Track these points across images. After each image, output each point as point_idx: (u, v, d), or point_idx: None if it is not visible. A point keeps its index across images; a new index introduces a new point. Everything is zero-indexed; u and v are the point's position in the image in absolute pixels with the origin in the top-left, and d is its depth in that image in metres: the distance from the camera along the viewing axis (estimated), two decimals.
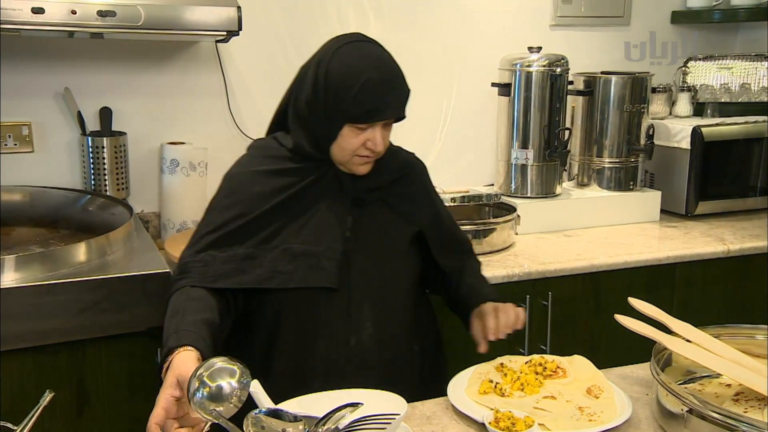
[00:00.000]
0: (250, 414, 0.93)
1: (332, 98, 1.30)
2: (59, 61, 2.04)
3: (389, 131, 1.37)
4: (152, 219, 2.17)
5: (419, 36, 2.42)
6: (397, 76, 1.33)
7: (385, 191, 1.43)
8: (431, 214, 1.50)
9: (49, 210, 1.92)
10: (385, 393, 1.20)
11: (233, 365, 0.98)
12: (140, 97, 2.14)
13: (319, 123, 1.34)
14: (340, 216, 1.37)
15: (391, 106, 1.32)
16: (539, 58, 2.27)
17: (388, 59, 1.34)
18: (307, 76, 1.36)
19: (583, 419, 1.18)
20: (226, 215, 1.35)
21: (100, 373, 1.56)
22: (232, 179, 1.41)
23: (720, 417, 1.04)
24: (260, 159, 1.42)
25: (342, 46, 1.33)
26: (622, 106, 2.37)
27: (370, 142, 1.33)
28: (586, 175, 2.48)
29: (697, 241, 2.24)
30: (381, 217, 1.41)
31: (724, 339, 1.27)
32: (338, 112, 1.30)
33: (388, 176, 1.43)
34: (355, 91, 1.28)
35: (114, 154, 2.04)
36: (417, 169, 1.52)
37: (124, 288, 1.54)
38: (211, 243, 1.34)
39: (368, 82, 1.28)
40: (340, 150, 1.34)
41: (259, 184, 1.37)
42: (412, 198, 1.47)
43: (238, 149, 2.27)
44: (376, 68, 1.30)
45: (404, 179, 1.47)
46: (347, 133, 1.32)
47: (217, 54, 2.18)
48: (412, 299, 1.46)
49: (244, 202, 1.35)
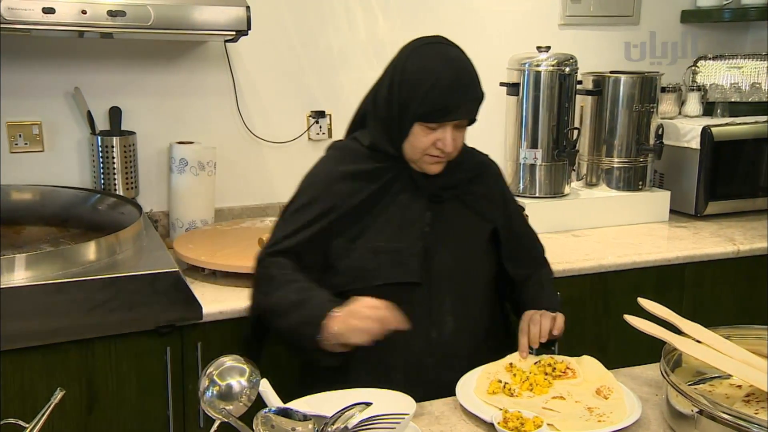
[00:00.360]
0: (259, 413, 0.94)
1: (404, 96, 1.34)
2: (69, 61, 2.05)
3: (462, 133, 1.39)
4: (161, 218, 2.18)
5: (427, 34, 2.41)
6: (470, 78, 1.35)
7: (461, 189, 1.46)
8: (504, 217, 1.51)
9: (59, 209, 1.93)
10: (394, 392, 1.20)
11: (243, 364, 0.98)
12: (149, 97, 2.15)
13: (393, 120, 1.37)
14: (418, 212, 1.41)
15: (460, 108, 1.33)
16: (548, 57, 2.26)
17: (464, 61, 1.36)
18: (386, 75, 1.40)
19: (593, 420, 1.18)
20: (308, 215, 1.39)
21: (109, 371, 1.57)
22: (314, 178, 1.45)
23: (731, 418, 1.04)
24: (340, 159, 1.46)
25: (420, 47, 1.38)
26: (631, 105, 2.36)
27: (440, 142, 1.35)
28: (595, 175, 2.47)
29: (707, 241, 2.23)
30: (458, 214, 1.44)
31: (735, 340, 1.26)
32: (409, 110, 1.34)
33: (462, 175, 1.46)
34: (426, 89, 1.32)
35: (123, 154, 2.04)
36: (491, 171, 1.54)
37: (134, 287, 1.54)
38: (297, 243, 1.38)
39: (439, 81, 1.31)
40: (412, 148, 1.38)
41: (340, 183, 1.41)
42: (487, 198, 1.49)
43: (246, 149, 2.30)
44: (448, 68, 1.33)
45: (479, 179, 1.49)
46: (418, 131, 1.35)
47: (226, 54, 2.19)
48: (489, 295, 1.48)
49: (326, 201, 1.39)
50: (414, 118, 1.34)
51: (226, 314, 1.65)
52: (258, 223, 2.15)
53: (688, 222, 2.45)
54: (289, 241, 1.40)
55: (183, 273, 1.67)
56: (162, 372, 1.61)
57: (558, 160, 2.30)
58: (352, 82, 2.36)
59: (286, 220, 1.44)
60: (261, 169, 2.31)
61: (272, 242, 1.43)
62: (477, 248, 1.46)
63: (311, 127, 2.34)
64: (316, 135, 2.35)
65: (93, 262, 1.58)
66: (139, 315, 1.55)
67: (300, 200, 1.44)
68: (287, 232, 1.41)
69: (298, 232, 1.40)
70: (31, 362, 1.51)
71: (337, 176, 1.41)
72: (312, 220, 1.39)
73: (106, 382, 1.57)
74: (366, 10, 2.34)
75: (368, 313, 1.25)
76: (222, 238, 1.97)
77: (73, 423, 1.55)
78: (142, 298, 1.55)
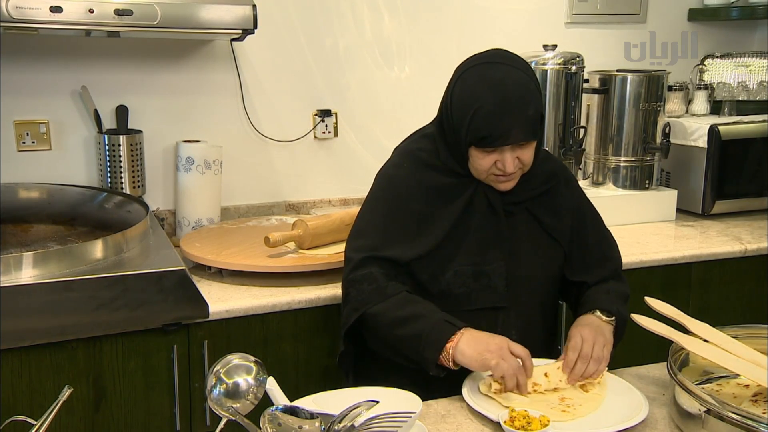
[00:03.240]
0: (266, 411, 0.94)
1: (455, 122, 1.34)
2: (76, 60, 2.06)
3: (527, 150, 1.34)
4: (167, 217, 2.19)
5: (434, 34, 2.42)
6: (517, 100, 1.29)
7: (530, 203, 1.44)
8: (572, 230, 1.48)
9: (67, 207, 1.93)
10: (400, 391, 1.20)
11: (250, 362, 0.98)
12: (156, 96, 2.15)
13: (451, 144, 1.38)
14: (496, 231, 1.40)
15: (509, 133, 1.29)
16: (554, 56, 2.26)
17: (511, 83, 1.30)
18: (445, 95, 1.41)
19: (557, 408, 1.21)
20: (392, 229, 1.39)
21: (116, 369, 1.58)
22: (393, 187, 1.43)
23: (738, 418, 1.03)
24: (415, 168, 1.43)
25: (468, 69, 1.35)
26: (638, 104, 2.36)
27: (499, 163, 1.33)
28: (602, 174, 2.47)
29: (714, 240, 2.22)
30: (529, 228, 1.44)
31: (742, 339, 1.26)
32: (460, 137, 1.34)
33: (532, 189, 1.43)
34: (470, 117, 1.30)
35: (130, 152, 2.05)
36: (561, 180, 1.49)
37: (140, 285, 1.55)
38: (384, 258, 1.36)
39: (481, 109, 1.29)
40: (474, 170, 1.38)
41: (421, 201, 1.40)
42: (556, 211, 1.47)
43: (252, 147, 2.30)
44: (492, 94, 1.29)
45: (550, 191, 1.46)
46: (475, 154, 1.34)
47: (233, 52, 2.19)
48: (549, 305, 1.50)
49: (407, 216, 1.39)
50: (466, 144, 1.34)
51: (232, 312, 1.65)
52: (264, 221, 2.16)
53: (695, 221, 2.44)
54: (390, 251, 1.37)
55: (189, 271, 1.67)
56: (169, 370, 1.62)
57: (564, 158, 2.29)
58: (359, 81, 2.37)
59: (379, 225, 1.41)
60: (267, 167, 2.31)
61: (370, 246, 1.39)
62: (545, 265, 1.45)
63: (317, 126, 2.34)
64: (322, 134, 2.35)
65: (100, 261, 1.59)
66: (145, 313, 1.56)
67: (383, 208, 1.42)
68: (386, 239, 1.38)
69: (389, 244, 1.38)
70: (39, 360, 1.51)
71: (417, 191, 1.40)
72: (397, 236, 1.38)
73: (114, 379, 1.58)
74: (372, 9, 2.34)
75: (504, 354, 1.23)
76: (228, 237, 1.98)
77: (81, 420, 1.56)
78: (149, 297, 1.55)
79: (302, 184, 2.36)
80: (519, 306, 1.42)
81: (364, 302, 1.35)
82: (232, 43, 2.17)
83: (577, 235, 1.49)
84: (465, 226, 1.39)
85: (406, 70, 2.42)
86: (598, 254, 1.51)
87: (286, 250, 1.86)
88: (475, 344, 1.25)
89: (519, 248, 1.42)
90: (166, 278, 1.57)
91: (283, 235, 1.82)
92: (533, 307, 1.45)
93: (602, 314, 1.39)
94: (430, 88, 2.53)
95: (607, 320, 1.39)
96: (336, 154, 2.38)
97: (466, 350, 1.24)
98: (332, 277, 1.81)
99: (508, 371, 1.21)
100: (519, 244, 1.42)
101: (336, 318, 1.76)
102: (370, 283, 1.35)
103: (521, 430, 1.12)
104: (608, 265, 1.51)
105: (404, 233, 1.39)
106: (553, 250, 1.47)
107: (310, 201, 2.36)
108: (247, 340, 1.68)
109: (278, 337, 1.72)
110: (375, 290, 1.34)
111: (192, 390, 1.65)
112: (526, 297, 1.43)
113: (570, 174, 1.55)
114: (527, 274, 1.42)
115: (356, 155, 2.40)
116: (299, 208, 2.35)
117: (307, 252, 1.85)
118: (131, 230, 1.69)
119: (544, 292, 1.48)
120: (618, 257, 1.56)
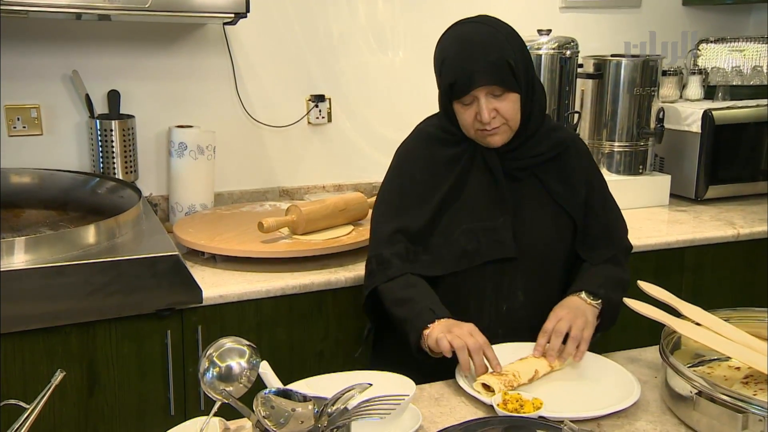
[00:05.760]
0: (259, 394, 0.94)
1: (437, 81, 1.44)
2: (67, 44, 2.04)
3: (505, 102, 1.38)
4: (161, 202, 2.18)
5: (428, 18, 2.40)
6: (478, 45, 1.37)
7: (539, 169, 1.47)
8: (581, 202, 1.48)
9: (59, 192, 1.92)
10: (394, 375, 1.21)
11: (242, 346, 0.98)
12: (148, 80, 2.14)
13: (443, 107, 1.47)
14: (498, 192, 1.44)
15: (470, 76, 1.35)
16: (549, 40, 2.25)
17: (475, 34, 1.38)
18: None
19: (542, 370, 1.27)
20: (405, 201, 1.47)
21: (110, 354, 1.57)
22: (402, 163, 1.52)
23: (729, 399, 1.04)
24: (421, 142, 1.52)
25: (445, 32, 1.44)
26: (632, 89, 2.35)
27: (479, 115, 1.38)
28: (596, 159, 2.46)
29: (707, 225, 2.23)
30: (536, 195, 1.47)
31: (734, 322, 1.26)
32: (441, 93, 1.44)
33: (540, 155, 1.46)
34: (440, 69, 1.42)
35: (122, 137, 2.04)
36: (572, 151, 1.50)
37: (134, 270, 1.54)
38: (398, 230, 1.44)
39: (447, 59, 1.39)
40: (463, 128, 1.44)
41: (426, 172, 1.47)
42: (566, 180, 1.48)
43: (246, 132, 2.29)
44: (456, 44, 1.39)
45: (558, 158, 1.48)
46: (458, 109, 1.42)
47: (225, 37, 2.18)
48: (560, 276, 1.49)
49: (415, 187, 1.47)
50: (446, 99, 1.42)
51: (226, 298, 1.65)
52: (258, 207, 2.15)
53: (689, 206, 2.45)
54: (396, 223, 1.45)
55: (183, 257, 1.66)
56: (162, 355, 1.62)
57: None
58: (352, 66, 2.35)
59: (391, 201, 1.49)
60: (260, 153, 2.30)
61: (383, 222, 1.47)
62: (550, 229, 1.47)
63: (311, 111, 2.33)
64: (316, 119, 2.34)
65: (92, 246, 1.58)
66: (139, 298, 1.55)
67: (395, 182, 1.51)
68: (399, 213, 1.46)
69: (403, 213, 1.46)
70: (32, 345, 1.51)
71: (423, 162, 1.48)
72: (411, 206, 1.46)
73: (107, 364, 1.58)
74: None
75: (468, 331, 1.28)
76: (221, 222, 1.97)
77: (75, 405, 1.56)
78: (142, 282, 1.55)
79: (296, 170, 2.35)
80: (525, 267, 1.43)
81: (371, 282, 1.45)
82: (224, 27, 2.15)
83: (588, 208, 1.49)
84: (467, 188, 1.45)
85: (400, 55, 2.41)
86: (602, 234, 1.50)
87: (280, 236, 1.86)
88: (446, 329, 1.29)
89: (524, 212, 1.45)
90: (159, 263, 1.56)
91: (276, 220, 1.82)
92: (540, 271, 1.46)
93: (587, 296, 1.39)
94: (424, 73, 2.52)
95: (591, 302, 1.38)
96: (330, 140, 2.38)
97: (438, 335, 1.28)
98: (326, 263, 1.81)
99: (474, 346, 1.24)
100: (524, 208, 1.45)
101: (329, 303, 1.77)
102: (379, 263, 1.44)
103: (514, 412, 1.12)
104: (610, 247, 1.50)
105: (414, 203, 1.46)
106: (561, 219, 1.47)
107: (304, 186, 2.36)
108: (241, 325, 1.69)
109: (272, 323, 1.72)
110: (381, 270, 1.43)
111: (186, 375, 1.65)
112: (531, 260, 1.44)
113: (584, 147, 1.55)
114: (532, 237, 1.44)
115: (350, 141, 2.39)
116: (293, 193, 2.34)
117: (301, 237, 1.85)
118: (124, 215, 1.68)
119: (552, 258, 1.47)
120: (622, 241, 1.56)
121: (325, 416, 0.92)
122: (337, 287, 1.76)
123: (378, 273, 1.43)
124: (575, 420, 1.06)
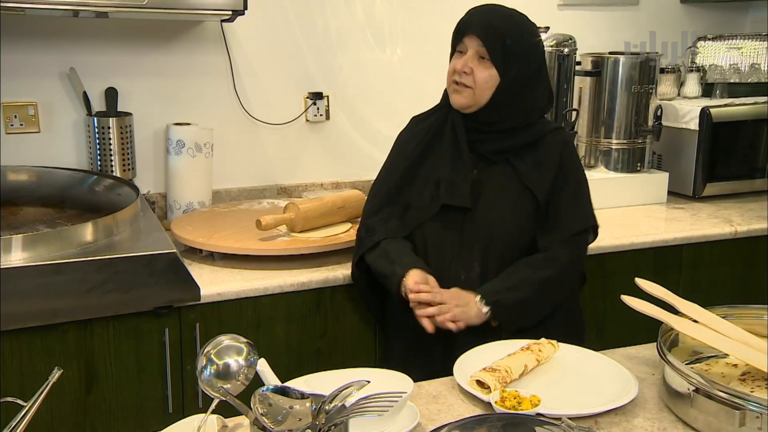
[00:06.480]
0: (257, 391, 0.94)
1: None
2: (64, 41, 2.04)
3: (482, 69, 1.50)
4: (158, 200, 2.17)
5: (425, 15, 2.40)
6: (495, 13, 1.53)
7: (512, 154, 1.56)
8: (549, 187, 1.55)
9: (56, 190, 1.92)
10: (392, 372, 1.21)
11: (240, 343, 0.98)
12: (146, 78, 2.13)
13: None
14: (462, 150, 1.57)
15: (470, 24, 1.51)
16: (547, 38, 2.25)
17: (500, 6, 1.56)
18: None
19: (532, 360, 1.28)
20: (388, 164, 1.69)
21: (108, 351, 1.57)
22: (396, 144, 1.71)
23: (727, 396, 1.04)
24: (413, 124, 1.70)
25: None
26: (630, 86, 2.35)
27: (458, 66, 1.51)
28: (594, 157, 2.47)
29: (705, 222, 2.23)
30: (506, 179, 1.56)
31: (731, 319, 1.27)
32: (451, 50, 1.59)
33: (510, 142, 1.56)
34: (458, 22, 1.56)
35: (120, 135, 2.03)
36: (550, 141, 1.57)
37: (131, 268, 1.54)
38: (384, 196, 1.65)
39: (467, 12, 1.55)
40: (447, 75, 1.56)
41: (412, 143, 1.65)
42: (538, 164, 1.56)
43: (244, 130, 2.29)
44: (482, 5, 1.56)
45: (534, 147, 1.56)
46: (452, 60, 1.56)
47: (223, 34, 2.17)
48: (518, 253, 1.56)
49: (401, 153, 1.67)
50: (452, 48, 1.57)
51: (224, 296, 1.65)
52: (256, 204, 2.15)
53: (686, 203, 2.45)
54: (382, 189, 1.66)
55: (180, 254, 1.66)
56: (160, 353, 1.62)
57: None
58: (350, 64, 2.35)
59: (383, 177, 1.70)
60: (258, 150, 2.30)
61: (373, 193, 1.69)
62: (511, 208, 1.55)
63: (309, 109, 2.33)
64: (314, 116, 2.34)
65: (90, 244, 1.58)
66: (136, 296, 1.55)
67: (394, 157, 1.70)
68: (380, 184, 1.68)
69: (385, 182, 1.66)
70: (30, 342, 1.51)
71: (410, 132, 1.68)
72: (392, 170, 1.66)
73: (105, 362, 1.58)
74: None
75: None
76: (219, 220, 1.97)
77: (73, 403, 1.56)
78: (140, 280, 1.55)
79: (294, 168, 2.35)
80: (483, 240, 1.54)
81: (360, 247, 1.65)
82: (222, 24, 2.15)
83: (554, 196, 1.55)
84: (435, 145, 1.60)
85: (398, 52, 2.41)
86: (555, 219, 1.55)
87: (278, 234, 1.86)
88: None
89: (489, 192, 1.55)
90: (157, 261, 1.56)
91: (274, 218, 1.82)
92: (497, 248, 1.54)
93: (480, 302, 1.49)
94: (422, 70, 2.53)
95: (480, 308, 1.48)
96: (328, 137, 2.37)
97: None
98: (324, 260, 1.81)
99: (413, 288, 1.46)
100: (491, 188, 1.55)
101: (327, 300, 1.77)
102: (367, 231, 1.64)
103: (512, 409, 1.12)
104: (556, 234, 1.54)
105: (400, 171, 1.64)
106: (524, 200, 1.55)
107: (302, 184, 2.36)
108: (239, 323, 1.69)
109: (270, 320, 1.72)
110: (368, 237, 1.63)
111: (184, 372, 1.65)
112: (488, 234, 1.54)
113: (565, 138, 1.61)
114: (494, 213, 1.54)
115: (348, 138, 2.39)
116: (291, 191, 2.34)
117: (299, 235, 1.85)
118: (121, 213, 1.68)
119: (510, 238, 1.55)
120: (571, 230, 1.56)
121: (323, 413, 0.92)
122: (335, 285, 1.76)
123: (365, 239, 1.63)
124: (573, 417, 1.06)
